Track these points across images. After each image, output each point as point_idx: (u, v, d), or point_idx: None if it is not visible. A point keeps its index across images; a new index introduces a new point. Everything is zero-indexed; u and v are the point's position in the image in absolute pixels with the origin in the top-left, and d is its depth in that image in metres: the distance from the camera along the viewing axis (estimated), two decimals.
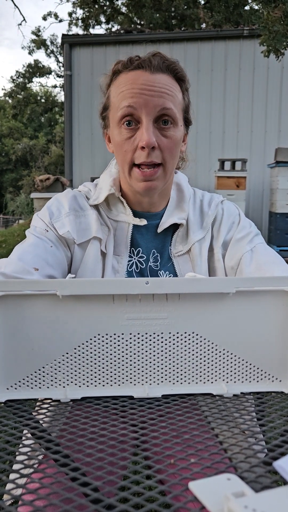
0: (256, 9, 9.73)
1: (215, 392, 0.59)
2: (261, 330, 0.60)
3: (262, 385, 0.61)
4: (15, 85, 16.13)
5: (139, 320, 0.58)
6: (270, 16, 4.09)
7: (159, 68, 0.85)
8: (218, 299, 0.58)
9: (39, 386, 0.57)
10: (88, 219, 0.91)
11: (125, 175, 0.88)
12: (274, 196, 5.33)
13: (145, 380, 0.59)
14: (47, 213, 0.91)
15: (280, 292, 0.59)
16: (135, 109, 0.82)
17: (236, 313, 0.59)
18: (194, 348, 0.59)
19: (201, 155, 6.70)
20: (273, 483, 0.36)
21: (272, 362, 0.61)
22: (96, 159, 6.93)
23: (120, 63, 0.87)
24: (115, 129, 0.87)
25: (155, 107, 0.82)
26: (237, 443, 0.44)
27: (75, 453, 0.43)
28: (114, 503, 0.33)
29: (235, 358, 0.60)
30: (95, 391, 0.58)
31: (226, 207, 0.98)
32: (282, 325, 0.60)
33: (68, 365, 0.57)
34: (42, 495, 0.35)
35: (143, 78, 0.83)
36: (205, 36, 6.93)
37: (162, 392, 0.58)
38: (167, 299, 0.58)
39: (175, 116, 0.85)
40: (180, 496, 0.35)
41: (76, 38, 7.49)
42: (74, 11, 14.85)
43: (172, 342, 0.58)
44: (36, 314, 0.56)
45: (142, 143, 0.81)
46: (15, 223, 13.84)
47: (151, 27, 10.58)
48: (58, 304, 0.56)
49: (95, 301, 0.57)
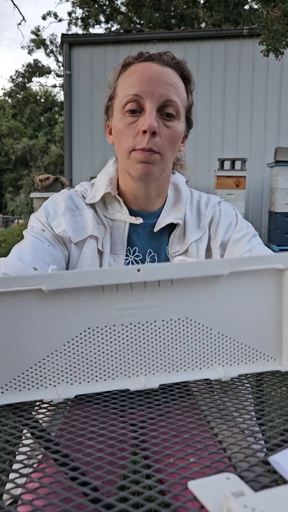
0: (256, 9, 9.73)
1: (212, 377, 0.58)
2: (255, 310, 0.59)
3: (258, 365, 0.60)
4: (15, 85, 16.12)
5: (131, 310, 0.55)
6: (269, 16, 4.09)
7: (168, 63, 0.88)
8: (211, 281, 0.57)
9: (28, 388, 0.54)
10: (84, 218, 0.91)
11: (123, 160, 0.89)
12: (274, 196, 5.33)
13: (140, 371, 0.57)
14: (43, 213, 0.91)
15: (272, 270, 0.58)
16: (141, 97, 0.84)
17: (230, 294, 0.58)
18: (188, 334, 0.57)
19: (201, 154, 6.70)
20: (272, 482, 0.36)
21: (266, 341, 0.60)
22: (95, 158, 6.93)
23: (130, 57, 0.91)
24: (118, 115, 0.89)
25: (160, 97, 0.84)
26: (236, 442, 0.44)
27: (75, 453, 0.43)
28: (113, 502, 0.33)
29: (229, 341, 0.59)
30: (88, 387, 0.56)
31: (223, 208, 0.99)
32: (276, 303, 0.59)
33: (58, 363, 0.55)
34: (42, 494, 0.35)
35: (153, 68, 0.86)
36: (205, 35, 6.92)
37: (159, 382, 0.56)
38: (159, 285, 0.56)
39: (178, 109, 0.87)
40: (180, 495, 0.35)
41: (76, 37, 7.48)
42: (73, 10, 14.85)
43: (166, 329, 0.57)
44: (21, 312, 0.53)
45: (144, 126, 0.83)
46: (14, 223, 13.84)
47: (151, 26, 10.57)
48: (44, 300, 0.53)
49: (84, 294, 0.54)
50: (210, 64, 6.84)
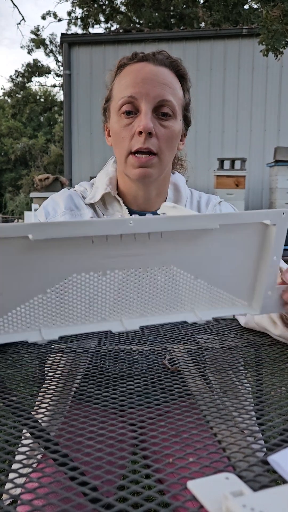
0: (255, 8, 9.72)
1: (189, 320, 0.60)
2: (237, 261, 0.62)
3: (230, 309, 0.64)
4: (14, 85, 16.13)
5: (117, 258, 0.56)
6: (269, 15, 4.09)
7: (163, 62, 0.88)
8: (200, 234, 0.58)
9: (12, 329, 0.54)
10: (83, 218, 0.92)
11: (121, 164, 0.89)
12: (274, 195, 5.34)
13: (122, 314, 0.58)
14: (43, 213, 0.92)
15: (259, 224, 0.60)
16: (135, 99, 0.84)
17: (216, 247, 0.60)
18: (171, 281, 0.59)
19: (200, 154, 6.70)
20: (271, 482, 0.36)
21: (242, 289, 0.63)
22: (95, 158, 6.92)
23: (125, 58, 0.91)
24: (115, 117, 0.89)
25: (155, 98, 0.84)
26: (235, 442, 0.44)
27: (74, 452, 0.43)
28: (112, 502, 0.33)
29: (207, 287, 0.61)
30: (71, 329, 0.56)
31: (223, 208, 0.99)
32: (256, 254, 0.62)
33: (43, 307, 0.55)
34: (41, 494, 0.35)
35: (147, 68, 0.86)
36: (204, 35, 6.93)
37: (139, 324, 0.58)
38: (149, 237, 0.56)
39: (174, 109, 0.87)
40: (179, 495, 0.35)
41: (75, 37, 7.49)
42: (73, 10, 14.83)
43: (150, 276, 0.58)
44: (6, 258, 0.51)
45: (139, 128, 0.83)
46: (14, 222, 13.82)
47: (150, 26, 10.57)
48: (31, 248, 0.52)
49: (72, 243, 0.53)
50: (209, 64, 6.84)
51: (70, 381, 0.64)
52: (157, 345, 0.77)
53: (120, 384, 0.61)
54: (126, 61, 0.90)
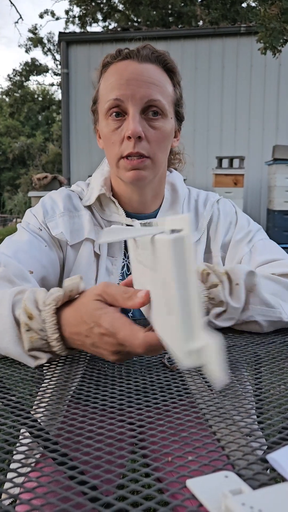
0: (253, 6, 9.73)
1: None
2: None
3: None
4: (12, 84, 16.10)
5: None
6: (267, 13, 4.09)
7: (148, 58, 0.84)
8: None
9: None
10: (81, 219, 0.90)
11: (113, 168, 0.87)
12: (272, 194, 5.34)
13: None
14: (41, 211, 0.90)
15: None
16: (122, 101, 0.81)
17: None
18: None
19: (199, 152, 6.69)
20: (270, 480, 0.36)
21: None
22: (93, 157, 6.91)
23: (109, 55, 0.87)
24: (103, 121, 0.86)
25: (141, 98, 0.81)
26: (234, 440, 0.44)
27: (73, 452, 0.43)
28: (112, 501, 0.33)
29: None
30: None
31: (222, 206, 0.97)
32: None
33: None
34: (40, 494, 0.35)
35: (131, 67, 0.82)
36: (202, 33, 6.92)
37: None
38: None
39: (163, 108, 0.83)
40: (178, 494, 0.35)
41: (73, 36, 7.47)
42: (71, 9, 14.82)
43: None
44: None
45: (128, 132, 0.80)
46: (12, 222, 13.81)
47: (148, 24, 10.55)
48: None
49: None
50: (208, 62, 6.83)
51: (69, 380, 0.64)
52: None
53: (119, 383, 0.60)
54: (110, 59, 0.86)
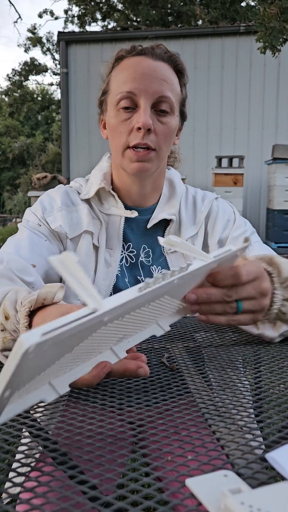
0: (253, 6, 9.72)
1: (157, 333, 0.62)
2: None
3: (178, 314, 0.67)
4: (12, 83, 16.10)
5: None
6: (266, 13, 4.08)
7: (161, 57, 0.87)
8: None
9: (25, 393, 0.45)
10: (79, 213, 0.92)
11: (118, 157, 0.89)
12: (272, 193, 5.34)
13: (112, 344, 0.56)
14: (39, 208, 0.92)
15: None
16: (134, 94, 0.84)
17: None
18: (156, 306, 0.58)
19: (198, 152, 6.69)
20: (270, 479, 0.36)
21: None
22: (93, 157, 6.91)
23: (123, 50, 0.90)
24: (112, 111, 0.88)
25: (154, 94, 0.84)
26: (234, 439, 0.44)
27: (73, 451, 0.43)
28: (111, 500, 0.33)
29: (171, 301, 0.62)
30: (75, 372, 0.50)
31: (221, 204, 0.99)
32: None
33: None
34: (40, 493, 0.35)
35: (145, 63, 0.86)
36: (202, 33, 6.91)
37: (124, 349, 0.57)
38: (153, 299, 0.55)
39: (172, 105, 0.87)
40: (177, 493, 0.35)
41: (72, 35, 7.47)
42: (70, 8, 14.82)
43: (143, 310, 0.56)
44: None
45: (138, 124, 0.83)
46: (12, 221, 13.81)
47: (148, 24, 10.56)
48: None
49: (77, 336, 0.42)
50: (207, 62, 6.83)
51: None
52: (156, 343, 0.77)
53: (118, 382, 0.61)
54: (124, 53, 0.89)
